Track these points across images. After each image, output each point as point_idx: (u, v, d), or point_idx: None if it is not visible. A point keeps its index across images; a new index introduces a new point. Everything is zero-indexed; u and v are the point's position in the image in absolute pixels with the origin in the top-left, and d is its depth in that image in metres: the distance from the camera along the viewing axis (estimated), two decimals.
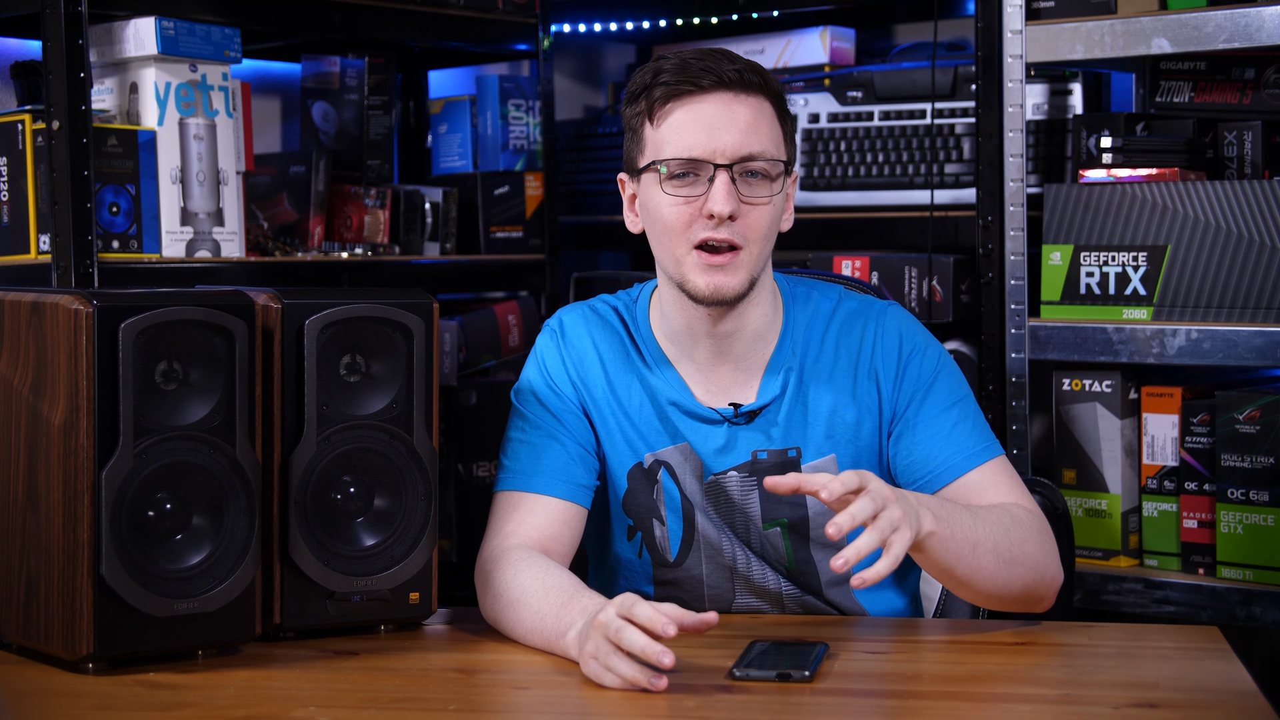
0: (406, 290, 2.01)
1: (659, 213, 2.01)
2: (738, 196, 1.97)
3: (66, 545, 1.81)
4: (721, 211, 1.96)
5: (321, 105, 3.17)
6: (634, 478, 2.10)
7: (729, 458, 2.08)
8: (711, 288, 1.99)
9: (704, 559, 2.10)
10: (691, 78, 1.98)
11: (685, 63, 2.00)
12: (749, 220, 1.98)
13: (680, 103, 1.99)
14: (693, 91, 1.99)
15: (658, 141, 2.00)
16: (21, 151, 2.53)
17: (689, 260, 1.99)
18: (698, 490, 2.09)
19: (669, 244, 2.01)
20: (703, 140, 1.97)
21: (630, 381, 2.11)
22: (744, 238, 1.98)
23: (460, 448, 3.17)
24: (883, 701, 1.75)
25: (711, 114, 1.98)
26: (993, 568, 1.93)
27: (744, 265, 1.99)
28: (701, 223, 1.98)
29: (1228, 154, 2.73)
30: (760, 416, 2.07)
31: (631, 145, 2.06)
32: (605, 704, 1.73)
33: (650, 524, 2.11)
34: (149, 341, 1.82)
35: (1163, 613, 2.70)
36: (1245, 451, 2.63)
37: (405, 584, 1.99)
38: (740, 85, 1.99)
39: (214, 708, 1.71)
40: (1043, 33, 2.77)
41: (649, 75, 2.02)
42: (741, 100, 1.99)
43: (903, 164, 3.04)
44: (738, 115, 1.98)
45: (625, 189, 2.09)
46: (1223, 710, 1.68)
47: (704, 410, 2.08)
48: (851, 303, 2.12)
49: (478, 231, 3.24)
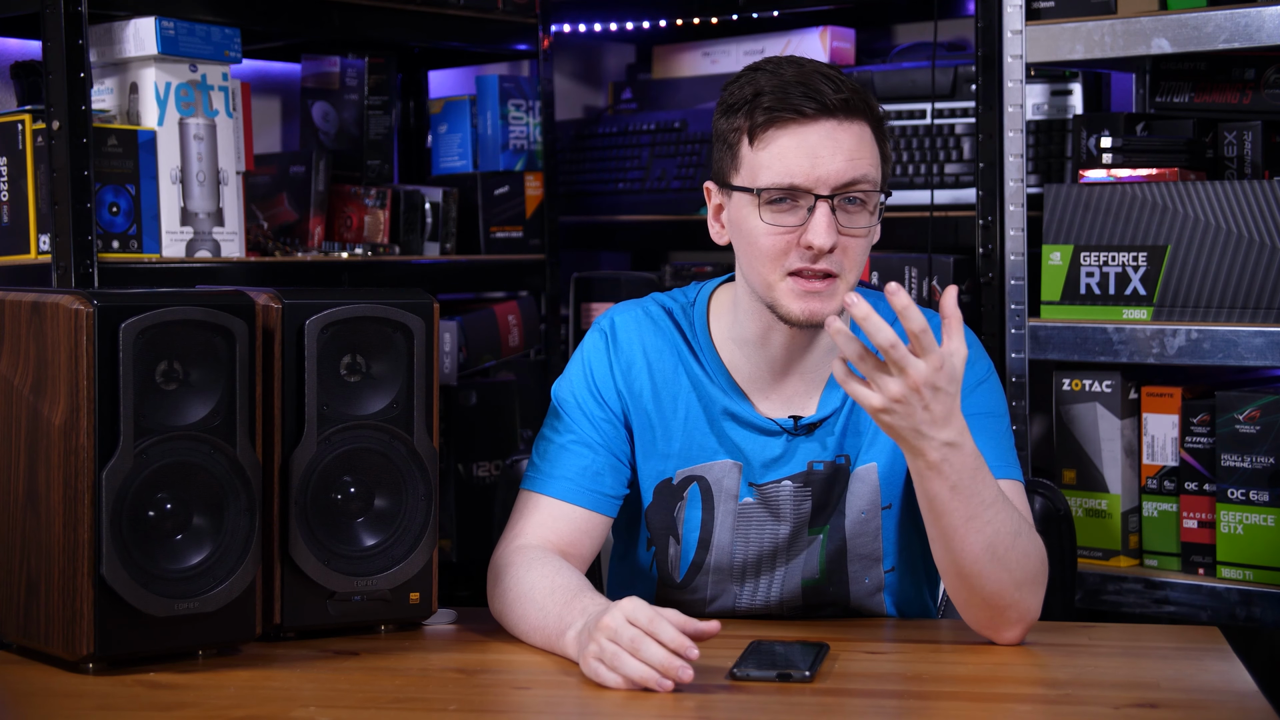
0: (406, 290, 2.01)
1: (753, 238, 1.96)
2: (837, 227, 1.94)
3: (67, 545, 1.81)
4: (823, 245, 1.92)
5: (321, 105, 3.17)
6: (660, 492, 2.09)
7: (784, 467, 2.06)
8: (807, 313, 1.95)
9: (710, 583, 2.09)
10: (796, 104, 1.93)
11: (787, 85, 1.94)
12: (846, 250, 1.95)
13: (783, 129, 1.94)
14: (796, 119, 1.93)
15: (756, 165, 1.96)
16: (21, 151, 2.53)
17: (782, 286, 1.96)
18: (730, 511, 2.07)
19: (761, 269, 1.97)
20: (805, 168, 1.93)
21: (679, 391, 2.08)
22: (841, 266, 1.95)
23: (460, 448, 3.17)
24: (883, 701, 1.75)
25: (815, 142, 1.93)
26: (977, 551, 1.85)
27: (839, 292, 1.95)
28: (798, 252, 1.94)
29: (1228, 154, 2.73)
30: (819, 428, 2.06)
31: (725, 157, 2.01)
32: (605, 704, 1.73)
33: (666, 540, 2.10)
34: (149, 341, 1.82)
35: (1163, 613, 2.70)
36: (1245, 451, 2.63)
37: (405, 584, 1.99)
38: (844, 111, 1.94)
39: (214, 708, 1.71)
40: (1043, 33, 2.77)
41: (748, 90, 1.96)
42: (845, 127, 1.95)
43: (903, 164, 3.04)
44: (841, 143, 1.94)
45: (711, 199, 2.05)
46: (1223, 710, 1.68)
47: (764, 422, 2.06)
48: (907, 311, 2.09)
49: (478, 231, 3.24)
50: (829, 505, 2.06)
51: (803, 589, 2.08)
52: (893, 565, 2.09)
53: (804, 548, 2.07)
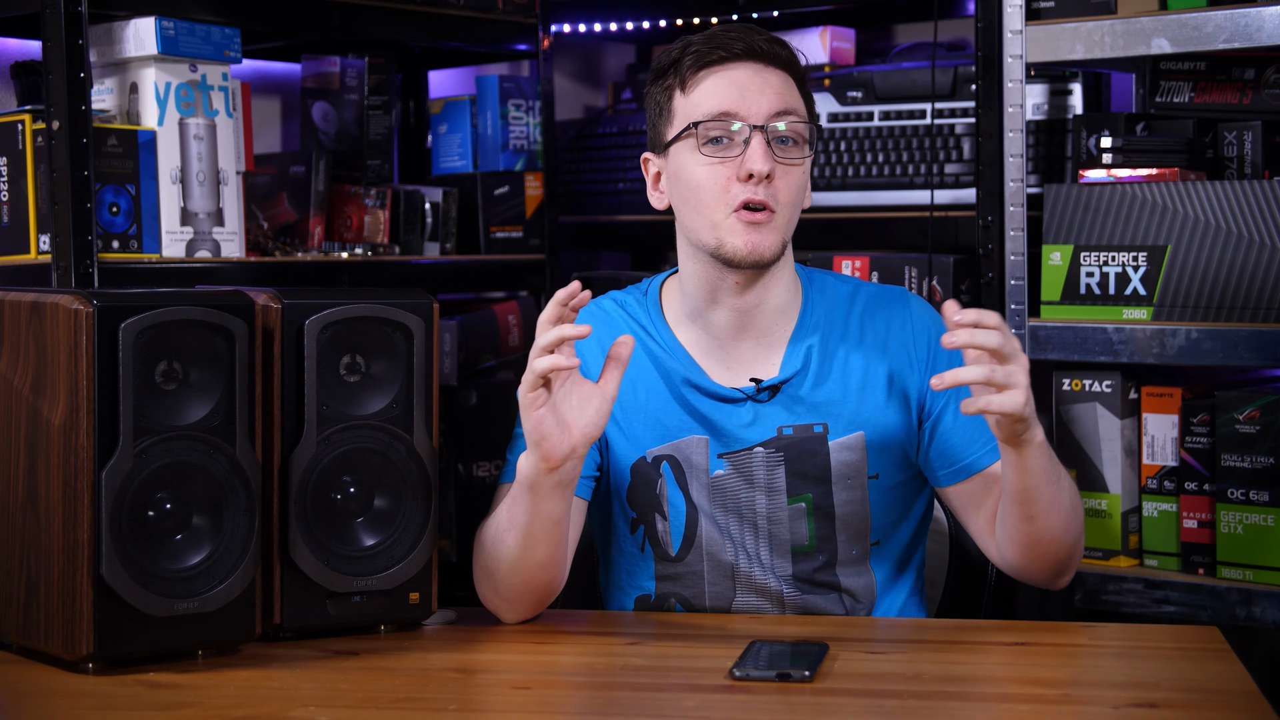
0: (406, 290, 2.01)
1: (694, 178, 2.03)
2: (773, 157, 2.00)
3: (66, 545, 1.81)
4: (760, 169, 1.99)
5: (321, 105, 3.17)
6: (637, 471, 2.11)
7: (752, 433, 2.08)
8: (749, 246, 2.01)
9: (705, 555, 2.10)
10: (722, 45, 2.04)
11: (714, 34, 2.05)
12: (782, 183, 2.02)
13: (712, 69, 2.04)
14: (725, 58, 2.04)
15: (690, 107, 2.04)
16: (21, 151, 2.53)
17: (727, 223, 2.02)
18: (703, 485, 2.09)
19: (705, 210, 2.03)
20: (736, 98, 2.02)
21: (639, 373, 2.11)
22: (777, 201, 2.01)
23: (460, 448, 3.17)
24: (883, 701, 1.75)
25: (744, 78, 2.04)
26: (1067, 508, 1.97)
27: (778, 228, 2.02)
28: (739, 186, 2.00)
29: (1228, 154, 2.73)
30: (783, 392, 2.08)
31: (659, 121, 2.09)
32: (605, 704, 1.73)
33: (652, 518, 2.11)
34: (149, 341, 1.82)
35: (1163, 613, 2.70)
36: (1245, 451, 2.63)
37: (405, 584, 1.99)
38: (768, 57, 2.05)
39: (214, 708, 1.71)
40: (1043, 33, 2.77)
41: (677, 49, 2.07)
42: (771, 70, 2.05)
43: (903, 164, 3.04)
44: (768, 81, 2.04)
45: (649, 168, 2.12)
46: (1223, 710, 1.68)
47: (724, 390, 2.09)
48: (870, 288, 2.15)
49: (478, 231, 3.24)
50: (807, 474, 2.07)
51: (792, 555, 2.09)
52: (878, 539, 2.10)
53: (786, 516, 2.07)
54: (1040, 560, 2.01)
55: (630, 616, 2.13)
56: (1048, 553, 2.00)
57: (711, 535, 2.09)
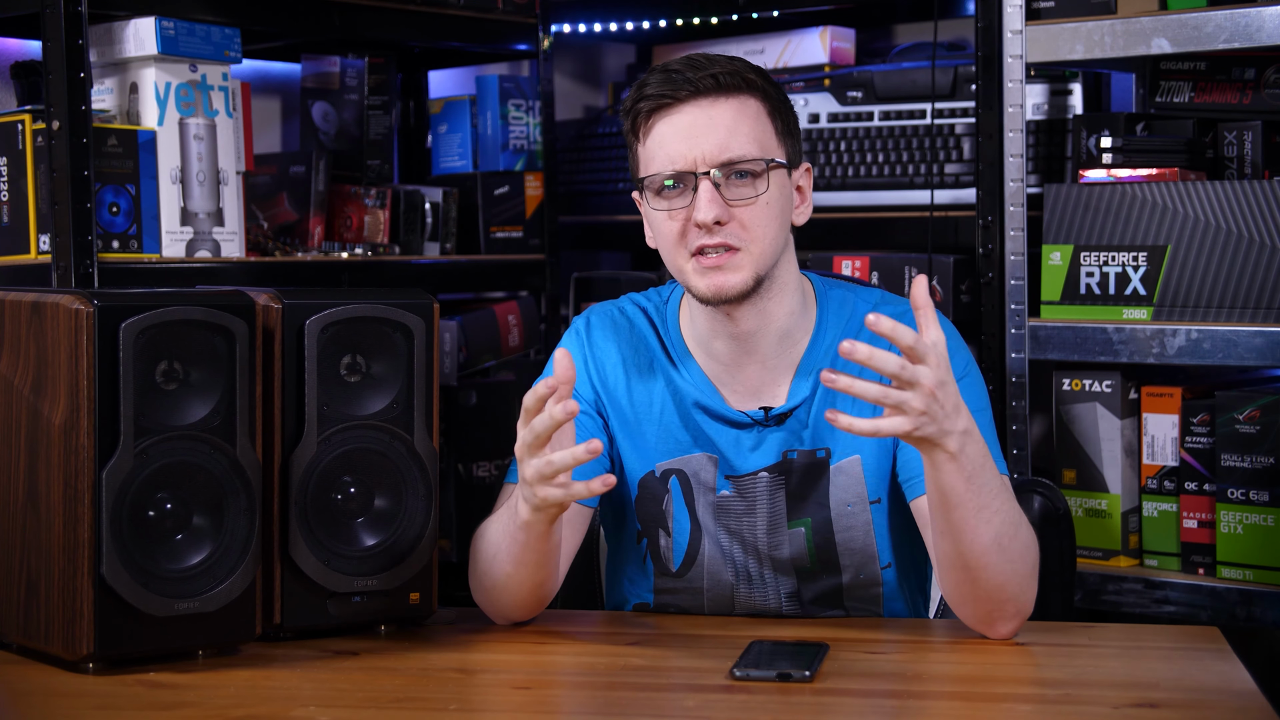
0: (406, 290, 2.01)
1: (658, 226, 2.03)
2: (723, 201, 1.98)
3: (67, 545, 1.81)
4: (706, 219, 1.97)
5: (321, 105, 3.17)
6: (645, 485, 2.10)
7: (759, 459, 2.07)
8: (712, 288, 1.99)
9: (705, 574, 2.10)
10: (670, 90, 2.00)
11: (668, 75, 2.01)
12: (742, 220, 1.99)
13: (660, 116, 2.01)
14: (671, 104, 2.00)
15: (646, 159, 2.03)
16: (21, 151, 2.53)
17: (688, 268, 2.01)
18: (709, 503, 2.08)
19: (670, 255, 2.03)
20: (683, 151, 1.99)
21: (653, 386, 2.10)
22: (739, 238, 1.99)
23: (460, 448, 3.17)
24: (883, 701, 1.75)
25: (688, 124, 1.99)
26: (985, 542, 1.85)
27: (745, 264, 1.99)
28: (695, 232, 1.99)
29: (1228, 154, 2.73)
30: (791, 418, 2.07)
31: (631, 162, 2.08)
32: (605, 704, 1.73)
33: (656, 533, 2.11)
34: (149, 341, 1.82)
35: (1163, 613, 2.70)
36: (1245, 451, 2.63)
37: (405, 584, 1.99)
38: (717, 89, 2.00)
39: (214, 708, 1.71)
40: (1043, 33, 2.77)
41: (636, 91, 2.03)
42: (719, 104, 2.00)
43: (903, 164, 3.04)
44: (715, 120, 1.99)
45: (640, 207, 2.09)
46: (1223, 710, 1.68)
47: (733, 414, 2.07)
48: (889, 307, 2.09)
49: (478, 231, 3.24)
50: (806, 497, 2.06)
51: (795, 574, 2.08)
52: (889, 562, 2.09)
53: (785, 540, 2.07)
54: (963, 589, 1.90)
55: (630, 616, 2.13)
56: (974, 583, 1.88)
57: (714, 556, 2.09)
